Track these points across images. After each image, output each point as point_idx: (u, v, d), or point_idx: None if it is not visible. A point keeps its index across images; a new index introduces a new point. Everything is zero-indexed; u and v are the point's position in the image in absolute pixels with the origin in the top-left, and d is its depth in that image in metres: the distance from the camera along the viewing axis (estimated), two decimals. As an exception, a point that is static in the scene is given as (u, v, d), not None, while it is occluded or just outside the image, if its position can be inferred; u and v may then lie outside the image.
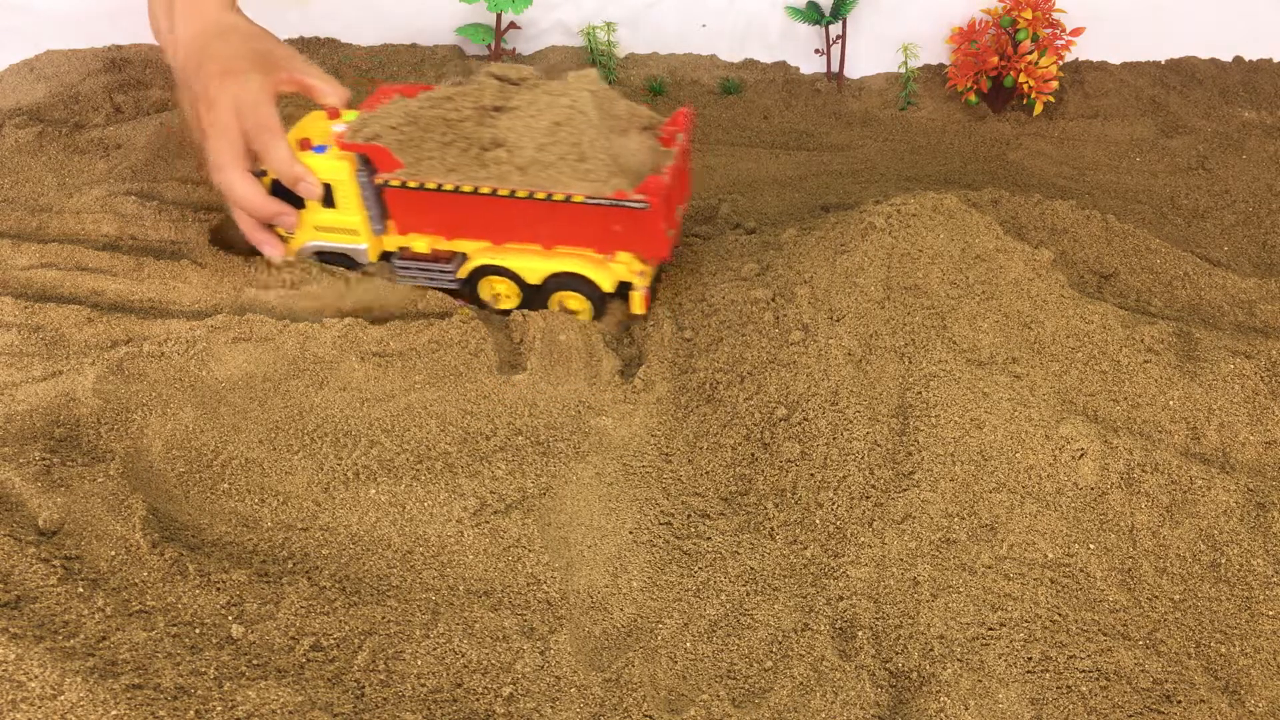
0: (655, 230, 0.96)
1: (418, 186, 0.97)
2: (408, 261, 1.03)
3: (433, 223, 1.01)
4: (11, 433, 0.86)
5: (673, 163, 0.99)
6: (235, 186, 0.98)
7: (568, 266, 1.00)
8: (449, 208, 0.98)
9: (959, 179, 1.36)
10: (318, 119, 1.04)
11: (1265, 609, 0.80)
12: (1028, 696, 0.74)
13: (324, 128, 1.03)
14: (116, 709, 0.66)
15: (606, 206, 0.95)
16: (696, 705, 0.73)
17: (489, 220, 0.99)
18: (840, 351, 0.94)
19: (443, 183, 0.97)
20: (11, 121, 1.29)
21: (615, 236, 0.97)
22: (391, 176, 0.97)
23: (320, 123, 1.03)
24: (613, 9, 1.52)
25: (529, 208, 0.97)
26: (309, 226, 1.03)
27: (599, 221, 0.96)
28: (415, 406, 0.92)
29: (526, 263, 1.01)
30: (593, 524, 0.84)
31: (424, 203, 0.99)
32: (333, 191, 1.00)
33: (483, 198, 0.97)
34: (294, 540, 0.82)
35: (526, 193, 0.95)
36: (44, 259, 1.07)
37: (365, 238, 1.03)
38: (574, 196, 0.95)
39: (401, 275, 1.05)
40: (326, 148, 1.00)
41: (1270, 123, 1.46)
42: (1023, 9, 1.42)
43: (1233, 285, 1.10)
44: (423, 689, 0.73)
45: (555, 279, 1.01)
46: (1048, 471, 0.87)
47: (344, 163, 0.99)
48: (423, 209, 0.99)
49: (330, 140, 1.00)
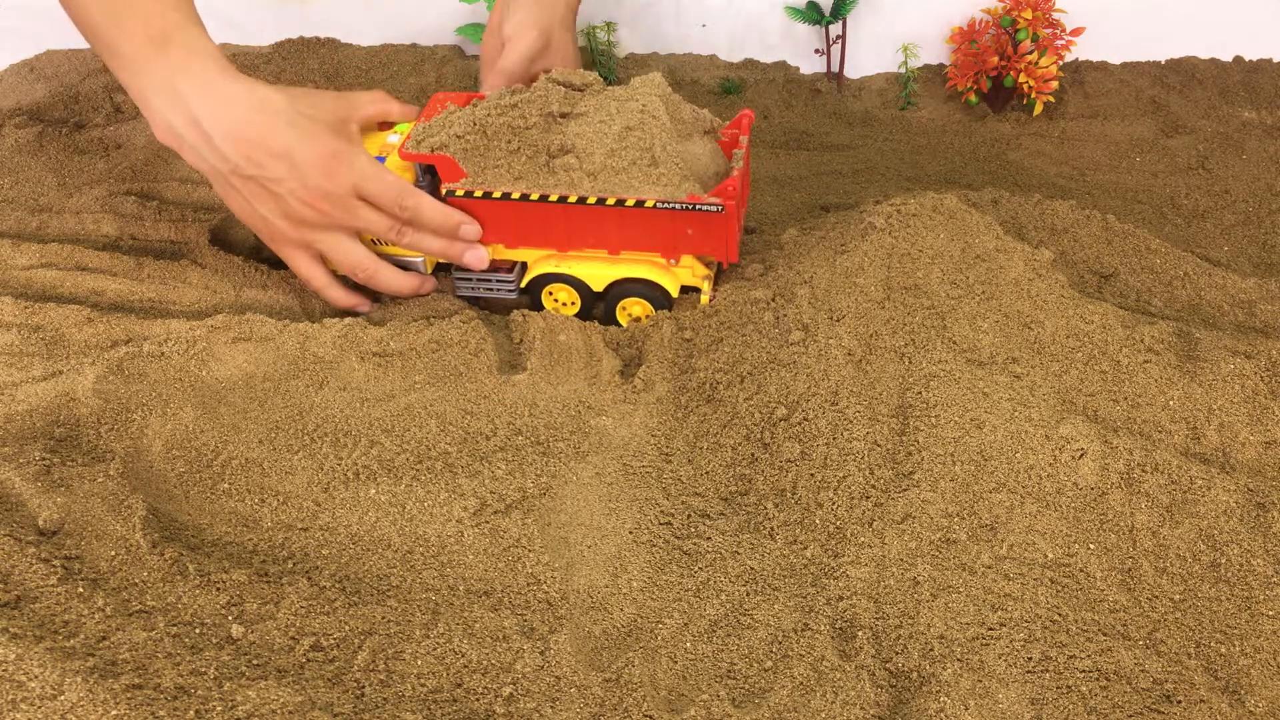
0: (730, 232, 0.96)
1: (484, 195, 0.96)
2: (467, 272, 1.02)
3: (499, 231, 0.99)
4: (11, 433, 0.86)
5: (740, 165, 0.99)
6: (393, 279, 0.97)
7: (633, 272, 1.00)
8: (516, 215, 0.97)
9: (959, 179, 1.36)
10: (370, 131, 1.03)
11: (1265, 609, 0.80)
12: (1028, 696, 0.74)
13: (378, 139, 1.02)
14: (116, 709, 0.66)
15: (680, 211, 0.94)
16: (696, 705, 0.73)
17: (556, 227, 0.98)
18: (840, 351, 0.94)
19: (509, 191, 0.96)
20: (11, 121, 1.29)
21: (687, 240, 0.97)
22: (457, 186, 0.96)
23: (374, 135, 1.02)
24: (613, 9, 1.52)
25: (599, 214, 0.96)
26: (366, 239, 1.02)
27: (671, 226, 0.96)
28: (415, 406, 0.92)
29: (590, 269, 1.00)
30: (593, 524, 0.84)
31: (490, 211, 0.97)
32: None
33: (551, 205, 0.96)
34: (294, 540, 0.82)
35: (596, 199, 0.94)
36: (44, 259, 1.07)
37: None
38: (646, 201, 0.94)
39: (460, 287, 1.04)
40: (384, 159, 0.99)
41: (1270, 123, 1.46)
42: (1023, 9, 1.42)
43: (1233, 285, 1.10)
44: (423, 689, 0.73)
45: (620, 285, 1.01)
46: (1048, 471, 0.87)
47: (405, 174, 0.98)
48: (489, 218, 0.98)
49: (385, 151, 1.00)
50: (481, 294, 1.04)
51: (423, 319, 0.99)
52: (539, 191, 0.95)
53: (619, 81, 1.53)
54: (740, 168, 0.99)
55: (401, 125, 1.04)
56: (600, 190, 0.95)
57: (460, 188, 0.96)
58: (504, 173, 0.96)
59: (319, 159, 0.90)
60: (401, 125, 1.04)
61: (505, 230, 0.99)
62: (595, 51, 1.53)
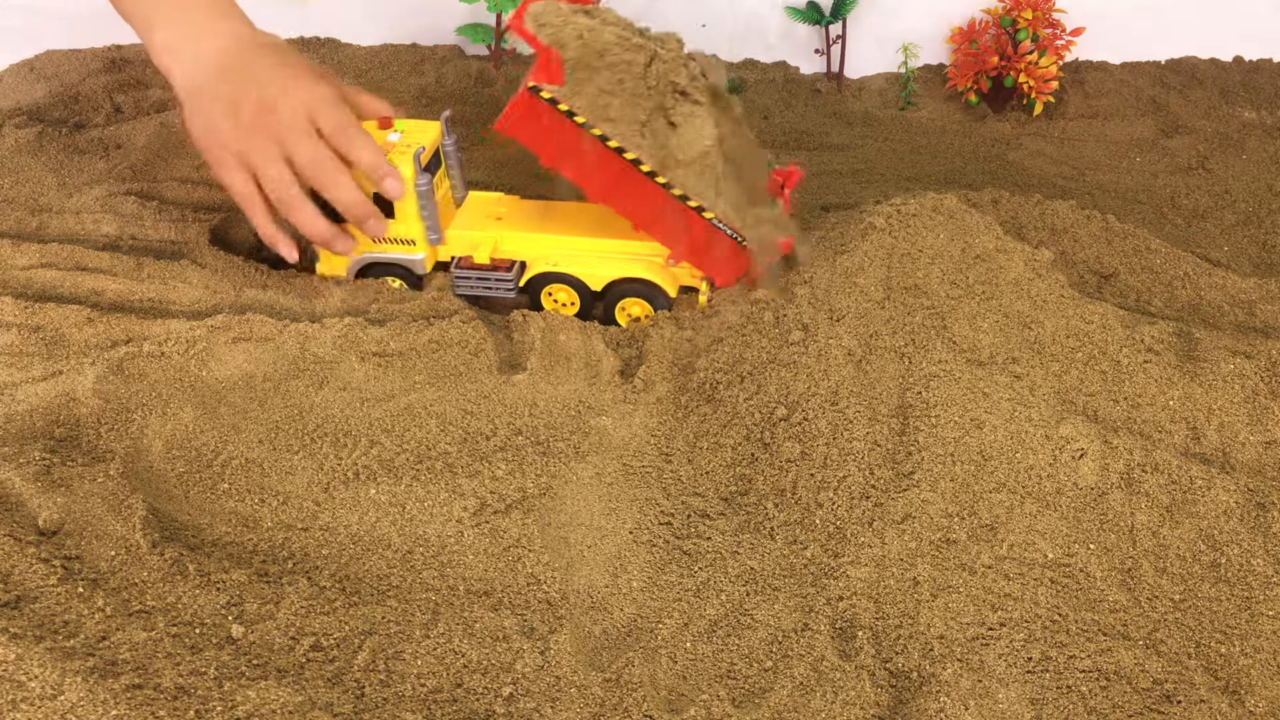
0: (740, 269, 1.00)
1: (567, 113, 0.92)
2: (466, 270, 1.02)
3: (545, 145, 0.95)
4: (11, 433, 0.86)
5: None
6: (299, 208, 0.96)
7: (632, 272, 1.00)
8: (578, 143, 0.94)
9: (959, 179, 1.36)
10: (370, 129, 1.02)
11: (1265, 609, 0.80)
12: (1028, 696, 0.74)
13: (378, 137, 1.01)
14: (116, 709, 0.66)
15: (728, 236, 0.97)
16: (696, 705, 0.73)
17: (606, 178, 0.95)
18: (840, 351, 0.94)
19: (595, 128, 0.93)
20: (11, 121, 1.29)
21: (708, 256, 0.99)
22: (548, 89, 0.92)
23: (374, 133, 1.02)
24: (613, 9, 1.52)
25: (658, 194, 0.95)
26: (364, 237, 1.02)
27: (706, 240, 0.97)
28: (415, 406, 0.92)
29: (589, 269, 1.00)
30: (593, 524, 0.84)
31: (557, 124, 0.93)
32: (391, 202, 0.99)
33: (619, 157, 0.94)
34: (294, 540, 0.82)
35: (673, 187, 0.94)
36: (44, 259, 1.07)
37: (423, 248, 1.02)
38: (706, 212, 0.95)
39: (459, 286, 1.03)
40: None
41: (1270, 123, 1.46)
42: (1023, 9, 1.42)
43: (1233, 285, 1.10)
44: (423, 689, 0.73)
45: (619, 285, 1.00)
46: (1048, 471, 0.87)
47: (405, 170, 0.97)
48: (551, 128, 0.94)
49: (385, 149, 0.99)
50: (480, 293, 1.04)
51: (423, 319, 0.99)
52: (623, 144, 0.93)
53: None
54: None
55: (400, 123, 1.04)
56: (672, 178, 0.94)
57: (550, 92, 0.92)
58: (597, 104, 0.93)
59: (286, 78, 0.96)
60: (400, 123, 1.04)
61: (554, 148, 0.95)
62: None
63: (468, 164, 1.24)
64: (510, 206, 1.07)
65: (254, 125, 0.95)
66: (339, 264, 1.05)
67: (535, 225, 1.04)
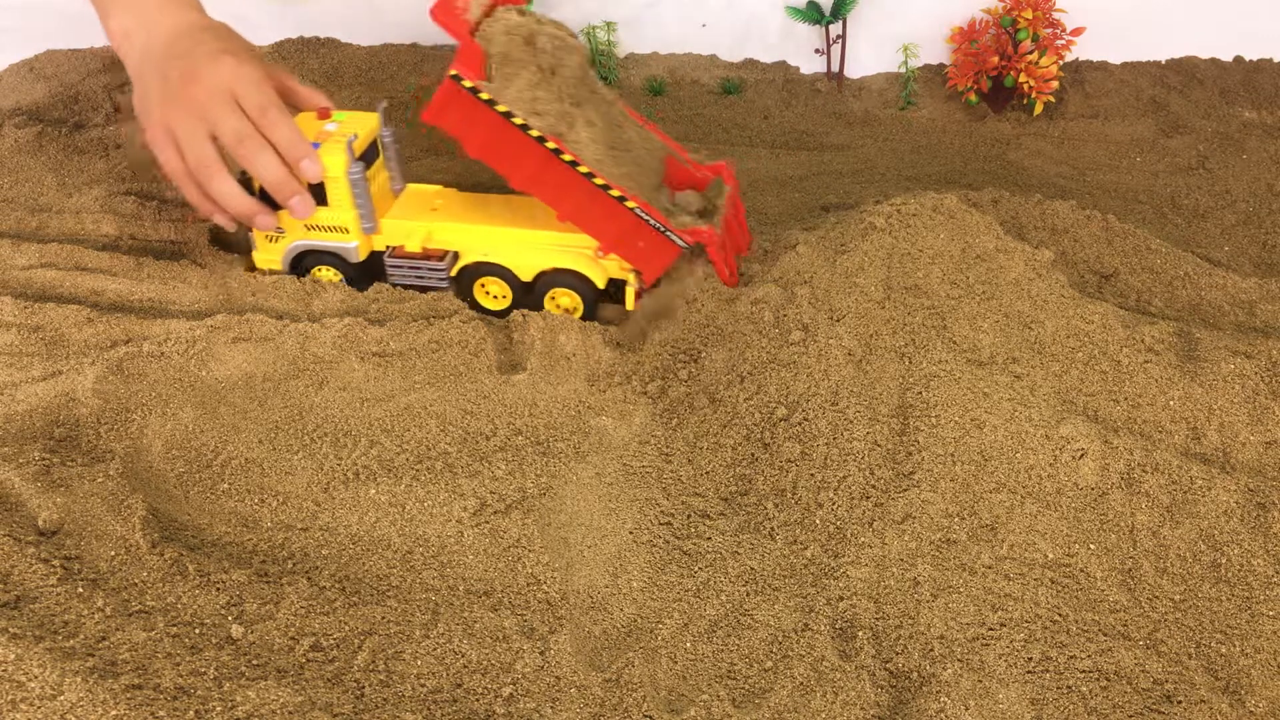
0: (666, 264, 1.00)
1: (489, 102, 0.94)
2: (399, 260, 1.03)
3: (474, 137, 0.96)
4: (11, 433, 0.86)
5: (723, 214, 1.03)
6: (216, 180, 0.96)
7: (562, 262, 1.01)
8: (504, 135, 0.95)
9: (959, 179, 1.36)
10: (308, 120, 1.03)
11: (1265, 609, 0.80)
12: (1028, 697, 0.74)
13: (315, 126, 1.02)
14: (116, 709, 0.66)
15: (652, 226, 0.97)
16: (696, 705, 0.73)
17: (532, 167, 0.96)
18: (840, 351, 0.94)
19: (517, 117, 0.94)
20: (11, 121, 1.29)
21: (631, 248, 0.99)
22: (478, 84, 0.93)
23: (311, 123, 1.03)
24: (613, 9, 1.52)
25: (582, 184, 0.96)
26: (298, 226, 1.02)
27: (634, 231, 0.98)
28: (415, 406, 0.92)
29: (519, 260, 1.01)
30: (593, 524, 0.84)
31: (482, 118, 0.95)
32: (324, 188, 0.99)
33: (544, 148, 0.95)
34: (294, 540, 0.82)
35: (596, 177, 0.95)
36: (44, 259, 1.07)
37: (356, 236, 1.03)
38: (628, 201, 0.95)
39: (392, 274, 1.04)
40: (318, 145, 0.99)
41: (1270, 123, 1.46)
42: (1023, 9, 1.42)
43: (1233, 285, 1.10)
44: (423, 689, 0.73)
45: (548, 276, 1.01)
46: (1048, 471, 0.87)
47: (338, 158, 0.98)
48: (477, 121, 0.95)
49: (321, 139, 1.00)
50: (413, 282, 1.04)
51: (423, 319, 0.99)
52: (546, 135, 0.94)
53: (618, 81, 1.53)
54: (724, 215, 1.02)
55: (338, 114, 1.04)
56: (595, 168, 0.95)
57: (475, 85, 0.93)
58: (524, 95, 0.95)
59: (213, 53, 0.97)
60: (338, 114, 1.04)
61: (479, 138, 0.97)
62: (595, 51, 1.53)
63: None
64: (447, 199, 1.08)
65: (179, 99, 0.96)
66: (274, 254, 1.05)
67: (468, 216, 1.05)
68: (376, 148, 1.04)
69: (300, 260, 1.05)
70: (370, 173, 1.02)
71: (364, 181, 0.99)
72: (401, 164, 1.08)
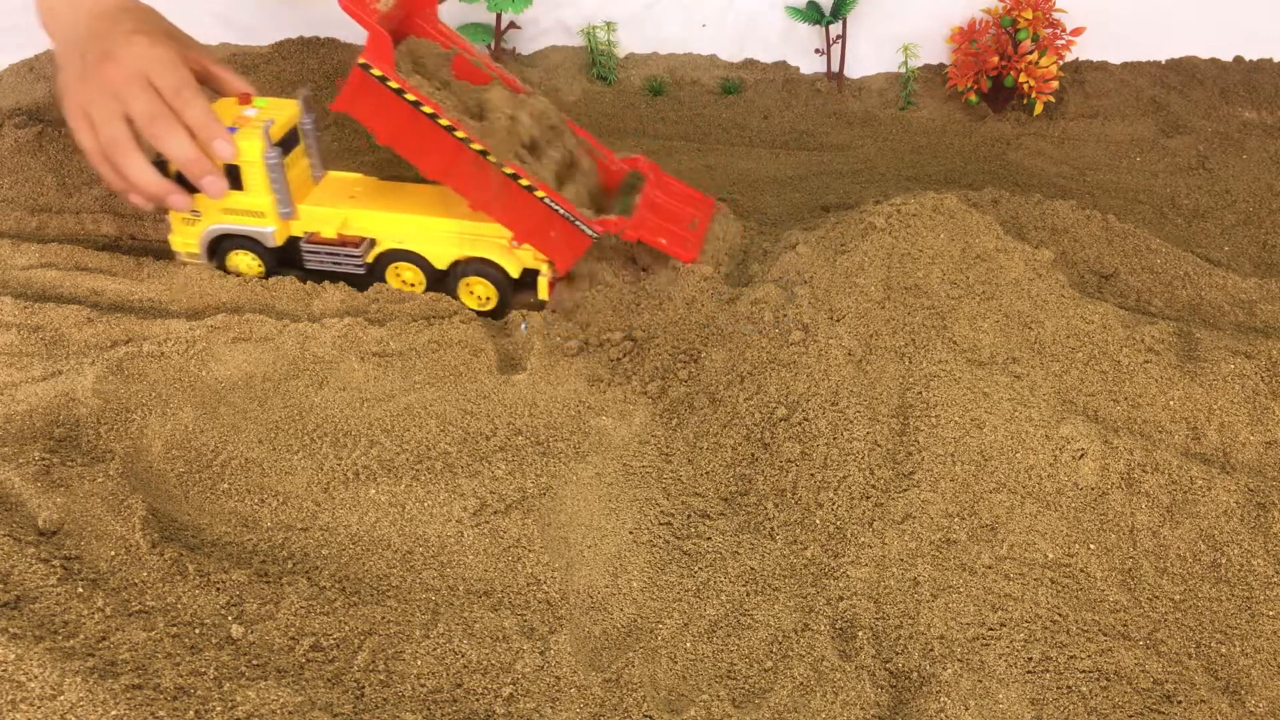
0: (578, 254, 1.02)
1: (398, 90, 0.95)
2: (315, 246, 1.04)
3: (386, 126, 0.98)
4: (11, 433, 0.86)
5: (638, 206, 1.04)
6: (127, 159, 0.97)
7: (476, 251, 1.02)
8: (415, 125, 0.97)
9: (959, 179, 1.36)
10: (228, 105, 1.04)
11: (1265, 609, 0.80)
12: (1028, 697, 0.74)
13: (234, 111, 1.02)
14: (116, 709, 0.66)
15: (562, 215, 0.98)
16: (696, 705, 0.73)
17: (444, 157, 0.98)
18: (840, 351, 0.94)
19: (426, 106, 0.95)
20: (11, 121, 1.29)
21: (543, 238, 1.00)
22: (386, 72, 0.94)
23: (230, 108, 1.03)
24: (613, 9, 1.52)
25: (493, 173, 0.97)
26: (215, 209, 1.02)
27: (545, 221, 0.99)
28: (415, 406, 0.92)
29: (434, 248, 1.02)
30: (593, 524, 0.84)
31: (394, 108, 0.96)
32: (240, 173, 1.00)
33: (457, 143, 0.96)
34: (294, 540, 0.82)
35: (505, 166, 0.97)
36: (44, 259, 1.07)
37: (272, 220, 1.03)
38: (537, 190, 0.97)
39: (308, 260, 1.05)
40: (235, 129, 0.99)
41: (1270, 123, 1.46)
42: (1023, 9, 1.42)
43: (1233, 285, 1.10)
44: (423, 689, 0.73)
45: (463, 264, 1.03)
46: (1048, 471, 0.87)
47: (254, 143, 0.98)
48: (391, 111, 0.97)
49: (239, 124, 1.00)
50: (329, 268, 1.05)
51: (423, 319, 0.99)
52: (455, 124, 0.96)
53: (618, 82, 1.53)
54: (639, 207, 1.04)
55: (259, 100, 1.04)
56: (503, 158, 0.97)
57: (384, 73, 0.94)
58: (428, 89, 0.97)
59: (128, 34, 0.98)
60: (259, 100, 1.04)
61: (389, 126, 0.98)
62: (595, 51, 1.53)
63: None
64: (366, 186, 1.09)
65: (94, 79, 0.97)
66: (191, 237, 1.05)
67: (385, 204, 1.05)
68: (296, 134, 1.05)
69: (218, 245, 1.05)
70: (290, 159, 1.02)
71: (280, 166, 1.00)
72: (322, 151, 1.08)
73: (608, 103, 1.50)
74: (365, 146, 1.31)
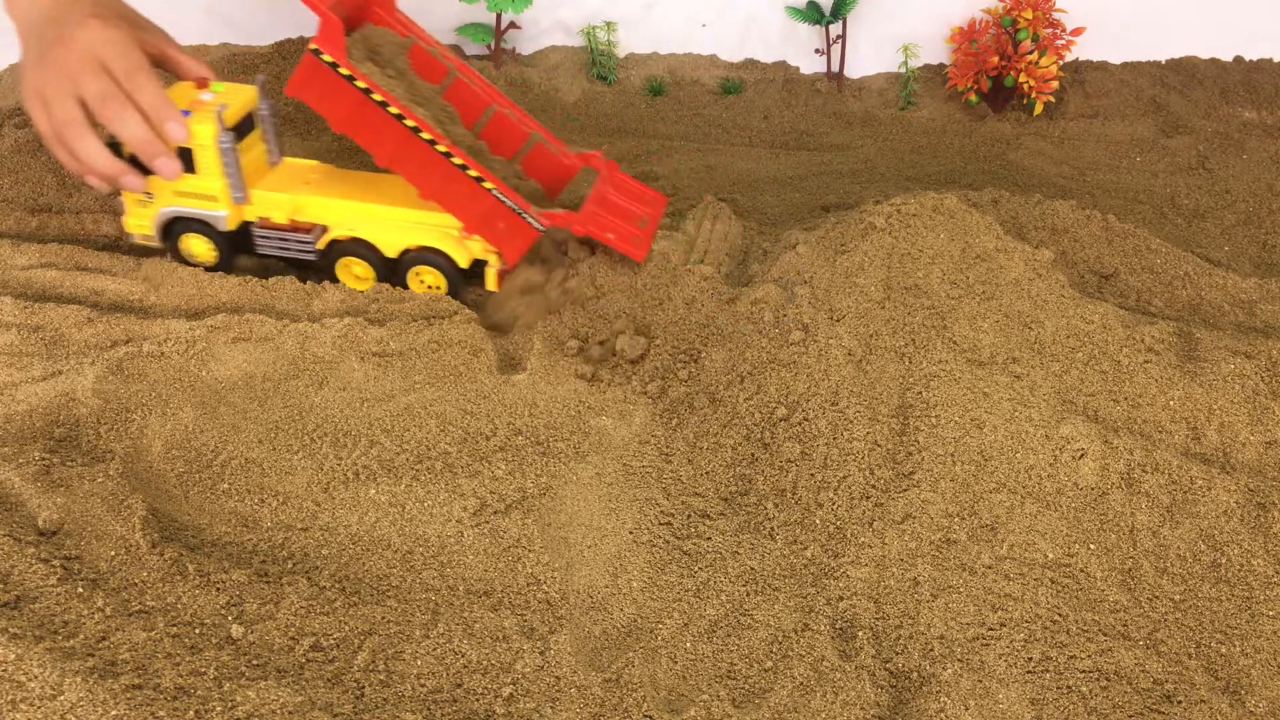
0: (525, 246, 1.02)
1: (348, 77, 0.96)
2: (267, 231, 1.04)
3: (339, 113, 0.98)
4: (11, 433, 0.86)
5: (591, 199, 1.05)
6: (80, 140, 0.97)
7: (426, 241, 1.02)
8: (369, 114, 0.97)
9: (959, 179, 1.36)
10: (185, 89, 1.04)
11: (1265, 609, 0.80)
12: (1028, 697, 0.74)
13: (191, 95, 1.03)
14: (116, 709, 0.66)
15: (509, 208, 0.99)
16: (696, 705, 0.73)
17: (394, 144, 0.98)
18: (840, 351, 0.94)
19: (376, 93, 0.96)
20: (11, 121, 1.29)
21: (491, 229, 1.01)
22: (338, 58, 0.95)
23: (187, 91, 1.03)
24: (613, 9, 1.52)
25: (443, 163, 0.98)
26: (168, 191, 1.02)
27: (493, 213, 0.99)
28: (415, 406, 0.92)
29: (384, 236, 1.03)
30: (593, 524, 0.84)
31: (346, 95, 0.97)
32: (194, 156, 1.00)
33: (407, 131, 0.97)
34: (294, 540, 0.82)
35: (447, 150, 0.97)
36: (44, 259, 1.07)
37: (225, 204, 1.03)
38: (485, 182, 0.98)
39: (260, 245, 1.05)
40: (189, 112, 0.99)
41: (1270, 123, 1.46)
42: (1023, 9, 1.42)
43: (1233, 285, 1.10)
44: (423, 689, 0.73)
45: (412, 253, 1.03)
46: (1048, 471, 0.87)
47: (207, 126, 0.98)
48: (343, 97, 0.97)
49: (195, 107, 1.00)
50: (279, 253, 1.05)
51: (423, 319, 0.99)
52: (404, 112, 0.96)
53: (618, 82, 1.53)
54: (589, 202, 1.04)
55: (217, 85, 1.04)
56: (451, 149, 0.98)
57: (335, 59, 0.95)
58: (380, 77, 0.98)
59: (83, 17, 0.98)
60: (217, 85, 1.04)
61: (341, 113, 0.98)
62: (595, 51, 1.53)
63: None
64: (321, 174, 1.09)
65: (49, 62, 0.97)
66: (144, 219, 1.05)
67: (338, 192, 1.05)
68: (253, 120, 1.05)
69: (171, 227, 1.06)
70: (245, 144, 1.03)
71: (234, 151, 1.00)
72: (279, 137, 1.08)
73: (608, 103, 1.50)
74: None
